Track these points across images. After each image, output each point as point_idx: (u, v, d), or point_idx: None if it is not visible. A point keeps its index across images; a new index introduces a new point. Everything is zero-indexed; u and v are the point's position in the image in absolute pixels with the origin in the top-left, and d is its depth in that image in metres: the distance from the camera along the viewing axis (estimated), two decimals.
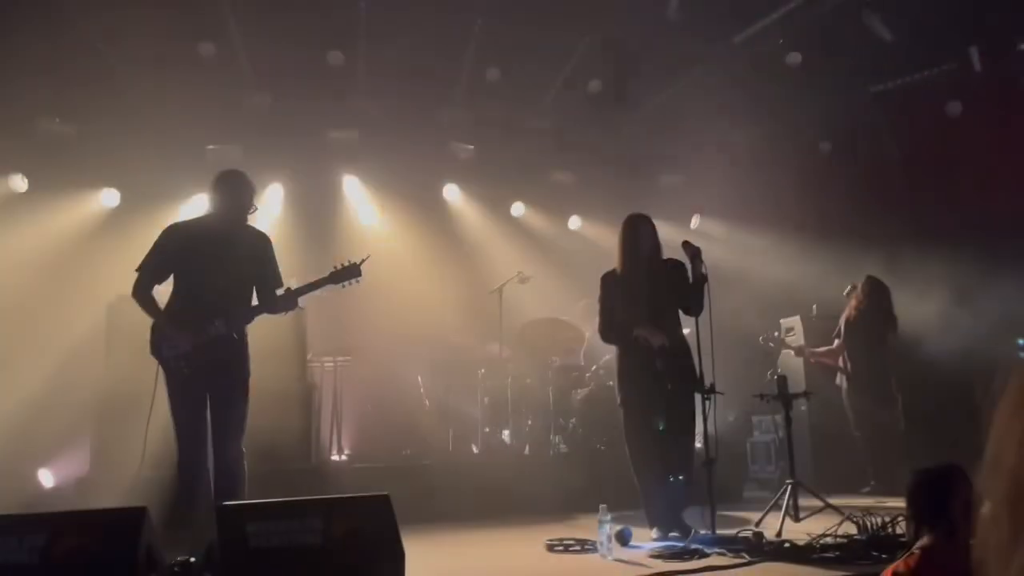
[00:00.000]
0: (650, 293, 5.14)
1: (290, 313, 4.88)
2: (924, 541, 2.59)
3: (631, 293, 5.16)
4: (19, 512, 3.51)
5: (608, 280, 5.32)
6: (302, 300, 4.76)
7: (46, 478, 6.86)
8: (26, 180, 8.14)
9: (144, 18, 7.30)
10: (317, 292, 4.66)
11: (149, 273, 4.56)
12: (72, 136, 8.23)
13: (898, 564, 2.58)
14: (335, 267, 4.62)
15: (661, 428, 5.00)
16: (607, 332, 5.32)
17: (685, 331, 5.34)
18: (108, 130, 8.00)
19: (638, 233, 5.25)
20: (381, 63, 8.48)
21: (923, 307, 7.57)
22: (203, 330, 4.43)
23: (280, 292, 4.68)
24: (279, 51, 8.13)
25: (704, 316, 5.13)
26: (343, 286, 4.63)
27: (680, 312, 5.29)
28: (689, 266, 5.19)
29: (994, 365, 6.32)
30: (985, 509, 0.83)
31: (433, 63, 8.63)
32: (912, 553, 2.59)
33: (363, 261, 4.65)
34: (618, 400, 5.30)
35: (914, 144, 8.64)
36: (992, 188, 7.96)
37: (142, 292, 4.54)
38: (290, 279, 4.88)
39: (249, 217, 4.73)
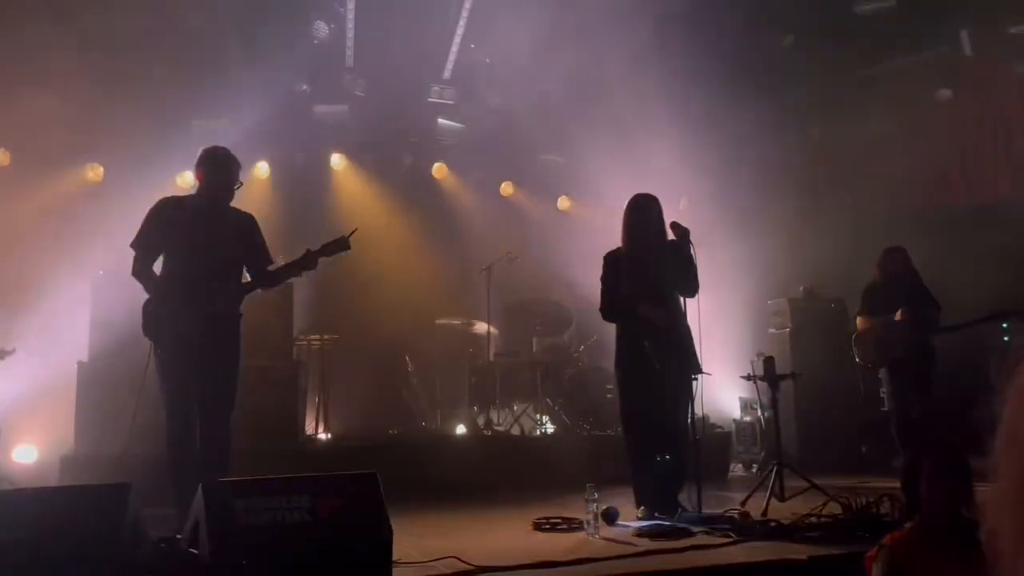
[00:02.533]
0: (656, 273, 5.16)
1: (277, 290, 4.87)
2: (915, 517, 2.64)
3: (637, 273, 5.17)
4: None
5: (612, 259, 5.32)
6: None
7: (29, 454, 6.81)
8: (8, 154, 8.02)
9: None
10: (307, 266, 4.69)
11: (146, 250, 4.54)
12: (56, 110, 8.10)
13: (886, 537, 2.62)
14: (324, 242, 4.64)
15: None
16: (610, 310, 5.31)
17: None
18: (93, 104, 7.88)
19: (646, 214, 5.26)
20: (369, 39, 8.39)
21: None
22: (195, 309, 4.40)
23: (271, 268, 4.69)
24: (266, 24, 8.03)
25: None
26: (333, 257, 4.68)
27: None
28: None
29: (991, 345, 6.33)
30: (997, 488, 0.82)
31: (422, 40, 8.55)
32: (903, 528, 2.63)
33: (351, 234, 4.69)
34: (616, 376, 5.33)
35: (904, 127, 8.64)
36: (981, 171, 8.00)
37: (144, 270, 4.51)
38: (276, 256, 4.88)
39: (236, 193, 4.69)
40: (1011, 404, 0.80)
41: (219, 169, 4.63)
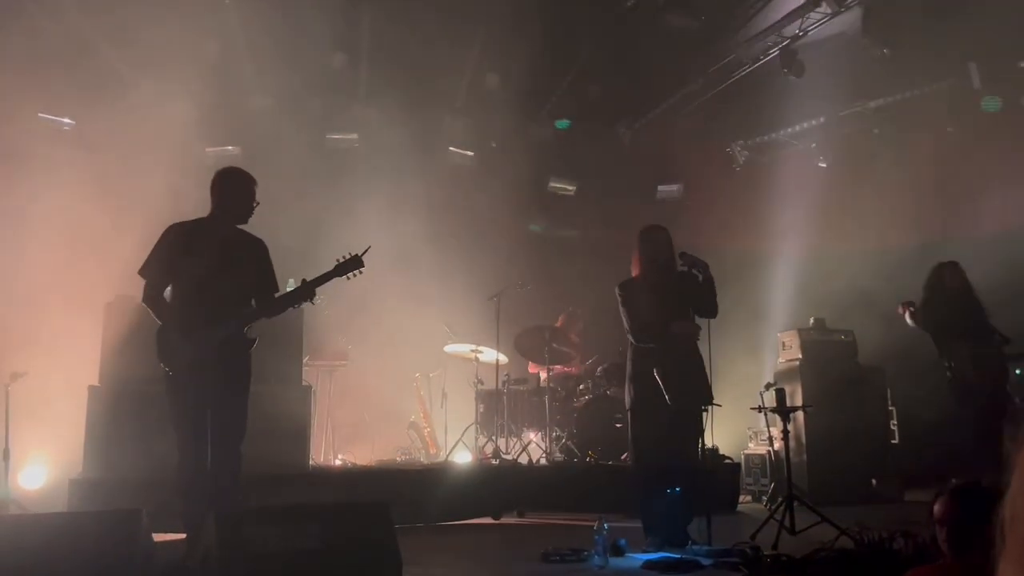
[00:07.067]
0: (668, 299, 5.25)
1: (289, 313, 4.81)
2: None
3: (651, 299, 5.25)
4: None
5: (627, 286, 5.41)
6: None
7: (38, 476, 6.81)
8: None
9: (146, 18, 7.30)
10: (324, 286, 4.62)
11: (158, 276, 4.48)
12: (71, 135, 8.20)
13: (919, 569, 2.59)
14: (338, 260, 4.57)
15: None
16: (640, 332, 5.34)
17: None
18: (107, 129, 7.96)
19: (656, 242, 5.40)
20: (383, 67, 8.50)
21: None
22: (208, 334, 4.38)
23: (280, 294, 4.66)
24: (281, 53, 8.13)
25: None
26: (347, 278, 4.59)
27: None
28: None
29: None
30: (1002, 557, 0.80)
31: (435, 70, 8.65)
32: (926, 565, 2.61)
33: (364, 252, 4.62)
34: (626, 404, 5.33)
35: (914, 160, 8.66)
36: (990, 205, 8.00)
37: (155, 297, 4.46)
38: (288, 279, 4.87)
39: (252, 214, 4.67)
40: (1017, 479, 0.78)
41: (237, 191, 4.60)
